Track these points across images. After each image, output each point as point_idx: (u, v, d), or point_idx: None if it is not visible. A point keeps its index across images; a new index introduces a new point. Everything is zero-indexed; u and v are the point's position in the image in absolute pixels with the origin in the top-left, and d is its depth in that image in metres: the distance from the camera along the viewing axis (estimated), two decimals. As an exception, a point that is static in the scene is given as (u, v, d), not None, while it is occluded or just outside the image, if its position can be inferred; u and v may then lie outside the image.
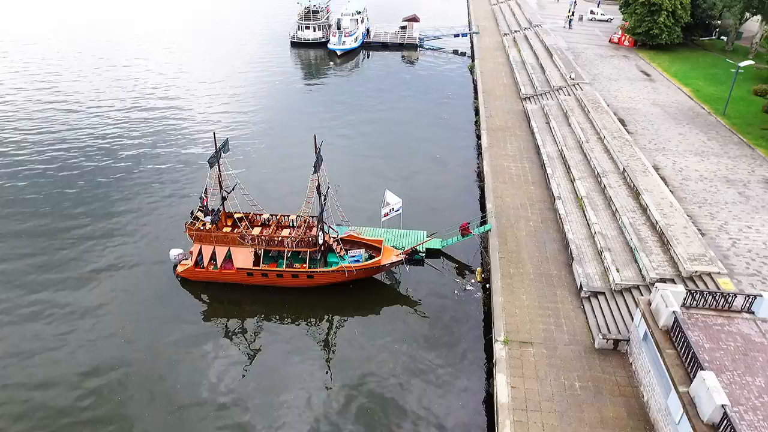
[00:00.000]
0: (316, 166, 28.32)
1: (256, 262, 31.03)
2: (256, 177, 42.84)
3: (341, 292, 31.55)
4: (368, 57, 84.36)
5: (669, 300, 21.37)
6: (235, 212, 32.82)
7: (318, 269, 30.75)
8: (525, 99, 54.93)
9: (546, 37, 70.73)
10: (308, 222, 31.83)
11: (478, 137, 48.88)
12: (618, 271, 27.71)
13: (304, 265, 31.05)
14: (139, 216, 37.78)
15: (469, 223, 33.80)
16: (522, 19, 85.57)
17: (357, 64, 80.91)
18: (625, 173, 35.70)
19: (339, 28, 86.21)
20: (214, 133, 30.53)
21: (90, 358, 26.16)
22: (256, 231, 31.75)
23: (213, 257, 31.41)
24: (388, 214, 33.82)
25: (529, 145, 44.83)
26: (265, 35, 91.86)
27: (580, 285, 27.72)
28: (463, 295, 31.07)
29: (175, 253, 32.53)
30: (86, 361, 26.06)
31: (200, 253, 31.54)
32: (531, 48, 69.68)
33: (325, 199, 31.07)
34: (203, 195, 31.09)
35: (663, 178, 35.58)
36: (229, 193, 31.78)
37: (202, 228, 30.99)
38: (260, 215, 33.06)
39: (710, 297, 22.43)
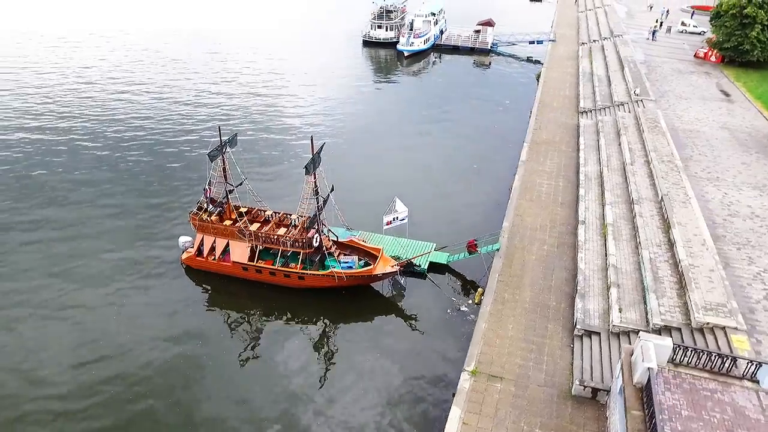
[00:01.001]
0: (308, 168, 27.80)
1: (252, 258, 31.20)
2: (290, 175, 43.14)
3: (335, 297, 30.95)
4: (438, 60, 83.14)
5: (648, 353, 18.60)
6: (241, 206, 33.34)
7: (308, 271, 30.32)
8: (582, 113, 51.19)
9: (623, 48, 65.57)
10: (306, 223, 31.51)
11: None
12: (621, 311, 24.75)
13: (298, 266, 30.76)
14: (170, 207, 39.01)
15: (476, 240, 31.94)
16: (604, 29, 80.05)
17: (425, 67, 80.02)
18: (663, 202, 31.98)
19: (411, 29, 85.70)
20: (219, 128, 30.95)
21: (78, 340, 27.34)
22: (255, 227, 31.93)
23: (213, 248, 32.04)
24: (391, 222, 32.70)
25: (570, 163, 41.62)
26: (341, 33, 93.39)
27: (576, 321, 25.12)
28: (455, 316, 29.34)
29: (183, 240, 33.42)
30: (74, 341, 27.34)
31: (202, 242, 32.31)
32: (604, 59, 64.91)
33: (324, 201, 30.63)
34: (206, 186, 31.71)
35: (705, 212, 31.48)
36: (235, 187, 32.13)
37: (203, 219, 31.73)
38: (264, 211, 33.26)
39: (707, 356, 19.30)
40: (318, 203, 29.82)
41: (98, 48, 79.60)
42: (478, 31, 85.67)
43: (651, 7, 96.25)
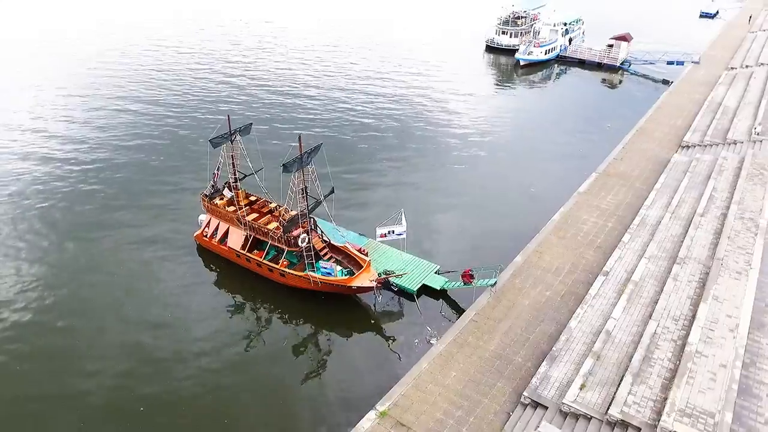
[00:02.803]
0: (287, 167, 26.95)
1: (245, 245, 31.48)
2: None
3: (317, 300, 30.05)
4: (561, 73, 76.97)
5: (533, 447, 14.85)
6: (251, 194, 33.93)
7: (289, 270, 29.72)
8: (683, 148, 43.37)
9: (774, 77, 54.35)
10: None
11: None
12: (581, 388, 20.27)
13: (286, 262, 30.36)
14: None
15: (472, 270, 28.67)
16: (767, 53, 67.24)
17: (542, 79, 74.65)
18: (712, 267, 25.61)
19: (535, 38, 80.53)
20: (228, 116, 31.50)
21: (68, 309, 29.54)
22: (254, 217, 32.16)
23: (216, 230, 32.99)
24: (385, 235, 30.70)
25: (636, 202, 35.40)
26: (467, 36, 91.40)
27: (529, 386, 21.16)
28: (420, 348, 26.50)
29: (202, 218, 34.85)
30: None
31: (209, 223, 33.45)
32: (745, 88, 54.36)
33: (317, 203, 29.79)
34: (215, 171, 32.63)
35: (764, 290, 24.45)
36: (244, 177, 32.53)
37: (209, 202, 32.84)
38: (269, 203, 33.37)
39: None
40: (306, 203, 29.03)
41: (225, 35, 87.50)
42: (611, 46, 77.32)
43: None
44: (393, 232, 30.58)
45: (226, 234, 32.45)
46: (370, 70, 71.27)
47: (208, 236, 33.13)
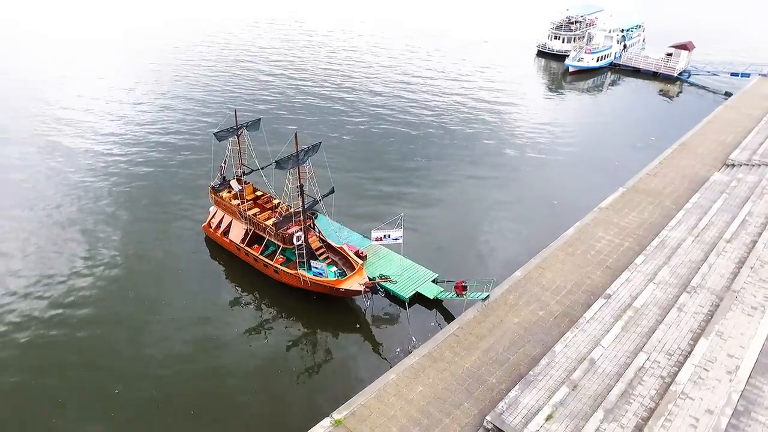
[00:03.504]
0: (281, 163, 26.79)
1: (244, 239, 31.69)
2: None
3: (309, 300, 29.80)
4: (614, 81, 73.20)
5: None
6: (258, 189, 34.19)
7: (281, 267, 29.62)
8: (727, 166, 39.88)
9: None
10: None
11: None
12: (548, 419, 18.81)
13: (281, 259, 30.33)
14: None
15: (465, 282, 27.56)
16: None
17: (593, 88, 71.29)
18: (724, 300, 23.22)
19: (588, 44, 77.13)
20: (235, 111, 31.83)
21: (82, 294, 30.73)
22: (255, 211, 32.32)
23: (221, 222, 33.43)
24: (381, 239, 29.93)
25: (661, 222, 32.81)
26: (517, 41, 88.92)
27: (494, 410, 19.89)
28: (400, 357, 25.59)
29: (213, 209, 35.51)
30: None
31: (215, 215, 33.97)
32: (813, 104, 49.53)
33: (315, 201, 29.55)
34: (222, 164, 33.02)
35: (783, 330, 21.86)
36: (251, 171, 32.77)
37: (215, 194, 33.32)
38: (273, 199, 33.45)
39: None
40: (302, 201, 28.81)
41: (277, 31, 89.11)
42: (670, 54, 72.71)
43: None
44: (389, 236, 29.76)
45: (229, 227, 32.82)
46: (409, 73, 70.39)
47: (213, 227, 33.63)
